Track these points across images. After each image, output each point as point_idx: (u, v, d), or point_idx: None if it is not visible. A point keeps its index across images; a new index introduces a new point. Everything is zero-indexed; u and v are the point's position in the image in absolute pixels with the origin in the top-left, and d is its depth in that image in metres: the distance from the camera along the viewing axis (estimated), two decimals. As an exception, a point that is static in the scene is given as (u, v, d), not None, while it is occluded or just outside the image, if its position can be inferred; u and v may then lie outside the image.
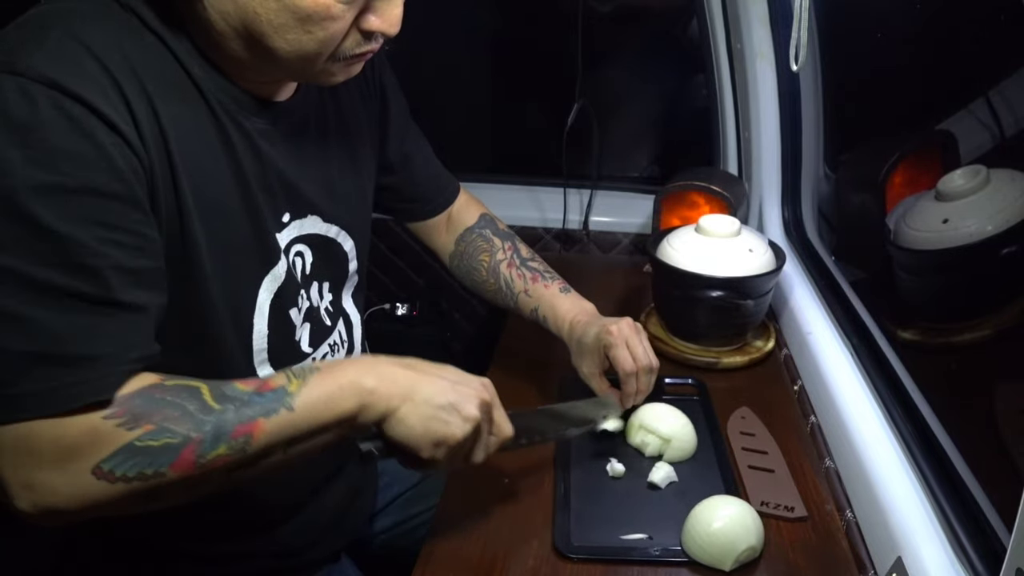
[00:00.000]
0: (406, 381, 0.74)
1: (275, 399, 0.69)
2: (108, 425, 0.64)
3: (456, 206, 1.17)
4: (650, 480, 0.97)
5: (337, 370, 0.72)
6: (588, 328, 1.06)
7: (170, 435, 0.65)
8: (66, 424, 0.63)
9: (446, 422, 0.74)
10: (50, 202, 0.61)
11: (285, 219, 0.84)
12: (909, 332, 1.10)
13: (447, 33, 1.88)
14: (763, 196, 1.58)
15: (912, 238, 1.06)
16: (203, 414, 0.67)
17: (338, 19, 0.69)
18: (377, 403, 0.72)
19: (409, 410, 0.73)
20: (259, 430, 0.68)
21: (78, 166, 0.62)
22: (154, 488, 0.65)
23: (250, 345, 0.82)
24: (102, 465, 0.64)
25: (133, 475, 0.64)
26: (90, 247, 0.63)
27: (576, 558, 0.87)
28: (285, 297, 0.84)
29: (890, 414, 0.97)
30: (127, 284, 0.66)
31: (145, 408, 0.65)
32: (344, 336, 0.97)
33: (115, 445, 0.64)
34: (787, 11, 1.26)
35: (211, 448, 0.66)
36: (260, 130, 0.79)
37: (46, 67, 0.62)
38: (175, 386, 0.68)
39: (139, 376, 0.68)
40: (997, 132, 0.98)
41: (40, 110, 0.61)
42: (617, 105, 1.92)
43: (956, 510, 0.79)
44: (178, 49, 0.72)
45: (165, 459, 0.65)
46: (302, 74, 0.78)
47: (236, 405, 0.68)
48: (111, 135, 0.64)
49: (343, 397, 0.71)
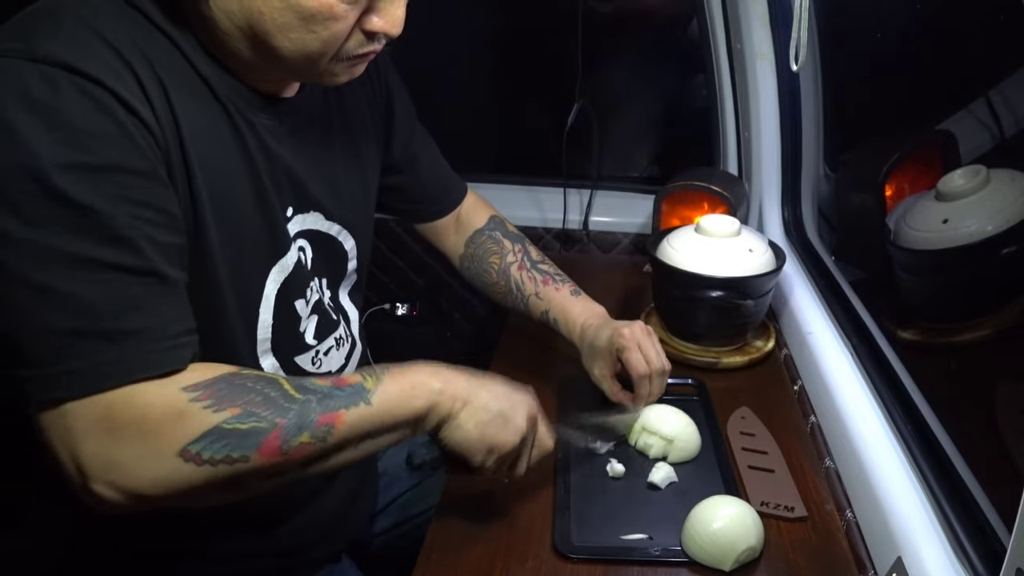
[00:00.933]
0: (466, 385, 0.78)
1: (355, 393, 0.72)
2: (195, 407, 0.65)
3: (465, 207, 1.17)
4: (650, 480, 0.97)
5: (408, 372, 0.76)
6: (600, 331, 1.07)
7: (256, 419, 0.67)
8: (151, 403, 0.64)
9: (500, 429, 0.79)
10: (80, 179, 0.62)
11: (288, 213, 0.85)
12: (909, 332, 1.10)
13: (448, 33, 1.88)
14: (763, 196, 1.58)
15: (912, 238, 1.06)
16: (286, 402, 0.69)
17: (341, 19, 0.70)
18: (443, 403, 0.77)
19: (468, 414, 0.78)
20: (340, 421, 0.70)
21: (103, 144, 0.64)
22: (237, 474, 0.66)
23: (255, 334, 0.82)
24: (190, 447, 0.64)
25: (220, 458, 0.65)
26: (124, 220, 0.64)
27: (576, 558, 0.87)
28: (292, 288, 0.85)
29: (890, 414, 0.97)
30: (162, 256, 0.67)
31: (230, 392, 0.67)
32: (346, 331, 0.97)
33: (203, 427, 0.65)
34: (787, 11, 1.26)
35: (295, 434, 0.68)
36: (266, 126, 0.80)
37: (64, 53, 0.63)
38: (255, 375, 0.70)
39: (213, 365, 0.70)
40: (997, 132, 0.98)
41: (63, 93, 0.62)
42: (617, 105, 1.92)
43: (956, 510, 0.79)
44: (184, 46, 0.72)
45: (252, 443, 0.66)
46: (305, 74, 0.78)
47: (318, 396, 0.71)
48: (130, 116, 0.65)
49: (416, 395, 0.75)
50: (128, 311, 0.64)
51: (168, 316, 0.67)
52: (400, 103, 1.03)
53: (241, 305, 0.80)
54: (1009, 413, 0.83)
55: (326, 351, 0.92)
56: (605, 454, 1.02)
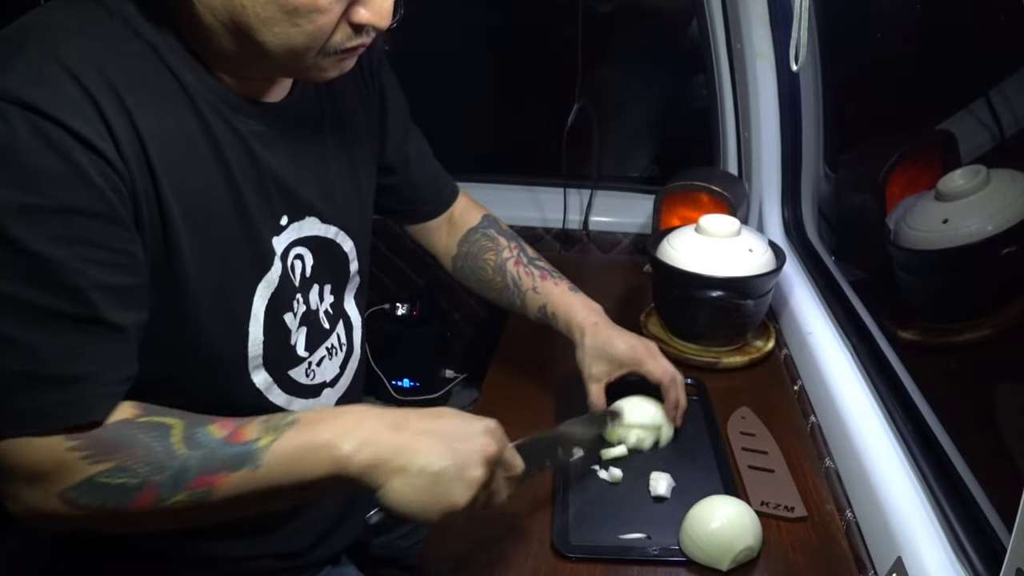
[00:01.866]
0: (394, 447, 0.67)
1: (243, 453, 0.67)
2: (73, 456, 0.65)
3: (457, 208, 1.17)
4: (656, 494, 0.96)
5: (317, 427, 0.68)
6: (614, 338, 1.06)
7: (129, 475, 0.65)
8: (36, 449, 0.65)
9: (447, 491, 0.68)
10: (29, 223, 0.62)
11: (283, 222, 0.83)
12: (909, 332, 1.10)
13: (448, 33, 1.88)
14: (763, 196, 1.58)
15: (912, 238, 1.06)
16: (167, 458, 0.66)
17: (326, 11, 0.69)
18: (355, 470, 0.67)
19: (403, 483, 0.67)
20: (221, 483, 0.66)
21: (56, 187, 0.62)
22: (120, 518, 0.67)
23: (244, 351, 0.81)
24: (67, 493, 0.65)
25: (97, 506, 0.66)
26: (71, 266, 0.64)
27: (575, 557, 0.87)
28: (280, 302, 0.83)
29: (890, 414, 0.97)
30: (110, 302, 0.66)
31: (109, 443, 0.66)
32: (343, 339, 0.96)
33: (78, 476, 0.65)
34: (787, 11, 1.26)
35: (171, 494, 0.66)
36: (255, 132, 0.79)
37: (21, 89, 0.62)
38: (146, 423, 0.68)
39: (119, 408, 0.68)
40: (997, 132, 0.98)
41: (16, 132, 0.61)
42: (617, 105, 1.92)
43: (956, 510, 0.79)
44: (167, 53, 0.71)
45: (122, 498, 0.66)
46: (293, 70, 0.77)
47: (202, 453, 0.66)
48: (89, 154, 0.64)
49: (315, 460, 0.66)
50: (71, 359, 0.65)
51: (101, 365, 0.67)
52: (394, 101, 1.02)
53: (229, 324, 0.79)
54: (1009, 413, 0.83)
55: (318, 362, 0.91)
56: (596, 467, 1.01)
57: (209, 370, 0.79)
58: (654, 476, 0.97)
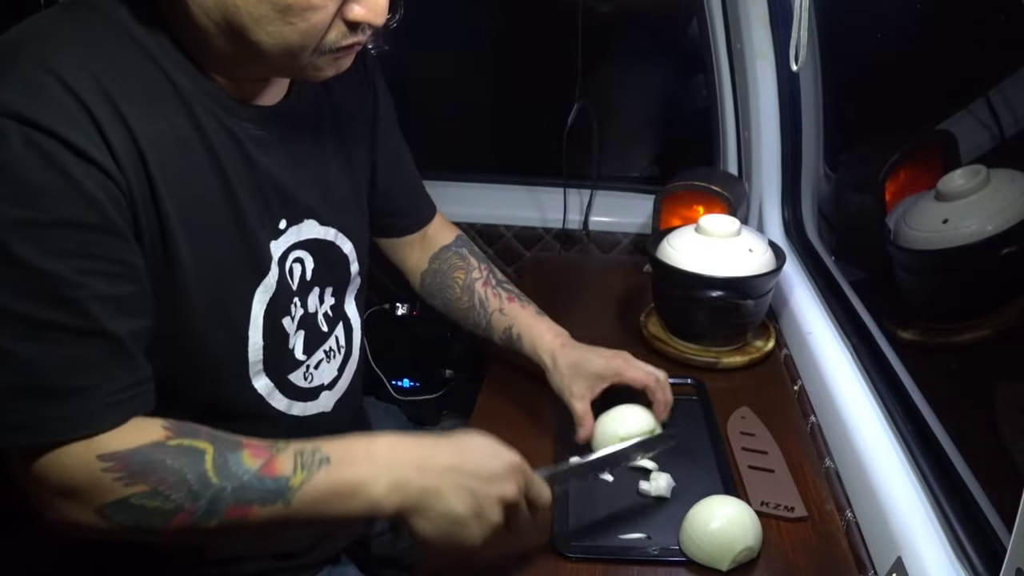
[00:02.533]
0: (421, 489, 0.71)
1: (275, 490, 0.69)
2: (107, 477, 0.66)
3: (432, 227, 1.16)
4: (655, 495, 0.95)
5: (349, 467, 0.71)
6: (588, 354, 1.04)
7: (163, 500, 0.67)
8: (70, 467, 0.66)
9: (465, 532, 0.73)
10: (26, 237, 0.62)
11: (282, 226, 0.83)
12: (909, 332, 1.10)
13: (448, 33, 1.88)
14: (763, 196, 1.58)
15: (912, 238, 1.06)
16: (200, 486, 0.67)
17: (319, 9, 0.68)
18: (389, 508, 0.71)
19: (426, 522, 0.72)
20: (253, 515, 0.69)
21: (51, 200, 0.63)
22: (157, 535, 0.69)
23: (245, 356, 0.81)
24: (104, 509, 0.67)
25: (131, 525, 0.68)
26: (69, 279, 0.64)
27: (575, 558, 0.87)
28: (278, 307, 0.83)
29: (890, 414, 0.97)
30: (110, 312, 0.67)
31: (143, 467, 0.67)
32: (342, 341, 0.96)
33: (112, 496, 0.67)
34: (787, 11, 1.26)
35: (205, 519, 0.68)
36: (252, 136, 0.78)
37: (15, 101, 0.62)
38: (178, 447, 0.69)
39: (145, 427, 0.69)
40: (997, 132, 0.98)
41: (10, 146, 0.61)
42: (617, 105, 1.92)
43: (956, 510, 0.79)
44: (161, 56, 0.71)
45: (158, 521, 0.68)
46: (288, 69, 0.77)
47: (235, 485, 0.68)
48: (85, 165, 0.64)
49: (347, 501, 0.70)
50: (70, 371, 0.66)
51: (112, 374, 0.68)
52: (384, 107, 1.02)
53: (229, 330, 0.79)
54: (1009, 413, 0.83)
55: (316, 364, 0.91)
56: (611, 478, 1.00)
57: (211, 376, 0.79)
58: (654, 476, 0.97)
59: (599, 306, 1.11)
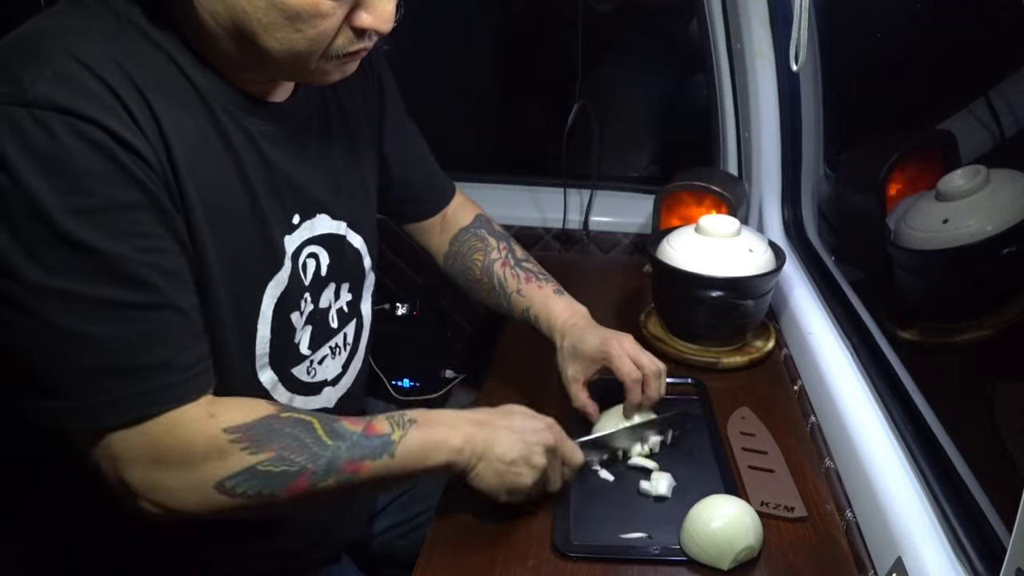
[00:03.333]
0: (483, 441, 0.83)
1: (381, 445, 0.77)
2: (235, 448, 0.71)
3: (452, 207, 1.16)
4: (657, 494, 0.95)
5: (433, 425, 0.81)
6: (587, 335, 1.04)
7: (288, 464, 0.73)
8: (194, 437, 0.70)
9: (517, 474, 0.84)
10: (87, 222, 0.64)
11: (295, 221, 0.84)
12: (909, 332, 1.10)
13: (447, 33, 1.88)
14: (763, 196, 1.58)
15: (912, 238, 1.06)
16: (318, 447, 0.74)
17: (328, 16, 0.69)
18: (462, 461, 0.82)
19: (485, 467, 0.83)
20: (364, 469, 0.76)
21: (105, 185, 0.65)
22: (266, 505, 0.73)
23: (253, 350, 0.82)
24: (225, 482, 0.71)
25: (252, 494, 0.72)
26: (134, 258, 0.66)
27: (575, 557, 0.87)
28: (288, 301, 0.84)
29: (890, 414, 0.97)
30: (175, 286, 0.70)
31: (266, 436, 0.72)
32: (350, 339, 0.96)
33: (240, 466, 0.71)
34: (787, 11, 1.26)
35: (323, 479, 0.74)
36: (263, 132, 0.79)
37: (53, 93, 0.63)
38: (290, 418, 0.75)
39: (254, 404, 0.75)
40: (997, 132, 0.98)
41: (59, 139, 0.63)
42: (617, 105, 1.92)
43: (956, 510, 0.79)
44: (174, 52, 0.72)
45: (281, 483, 0.73)
46: (296, 74, 0.77)
47: (347, 444, 0.76)
48: (125, 151, 0.66)
49: (436, 452, 0.80)
50: (148, 347, 0.68)
51: (186, 345, 0.71)
52: (391, 99, 1.02)
53: (239, 321, 0.80)
54: (1009, 413, 0.83)
55: (320, 360, 0.91)
56: (597, 468, 1.01)
57: (219, 368, 0.79)
58: (655, 476, 0.97)
59: (599, 306, 1.11)
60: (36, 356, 0.66)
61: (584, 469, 0.97)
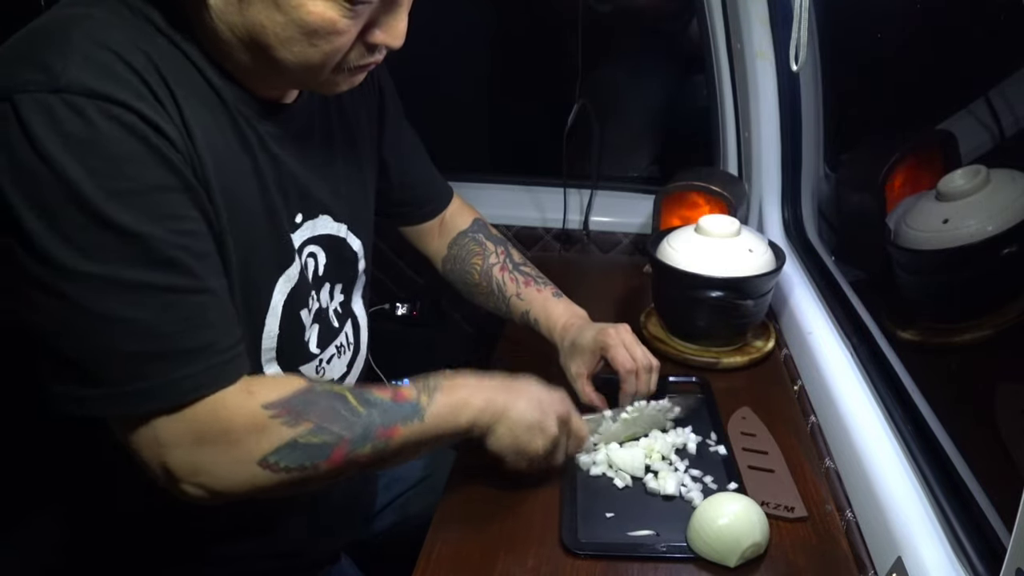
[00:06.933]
0: (502, 402, 0.86)
1: (412, 409, 0.79)
2: (275, 423, 0.72)
3: (450, 211, 1.17)
4: (666, 492, 0.96)
5: (456, 388, 0.84)
6: (584, 330, 1.07)
7: (327, 433, 0.74)
8: (234, 416, 0.70)
9: (532, 437, 0.87)
10: (124, 205, 0.64)
11: (298, 220, 0.85)
12: (909, 332, 1.10)
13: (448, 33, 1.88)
14: (763, 196, 1.58)
15: (912, 238, 1.06)
16: (353, 416, 0.76)
17: (343, 33, 0.70)
18: (484, 420, 0.84)
19: (505, 427, 0.85)
20: (397, 434, 0.78)
21: (139, 168, 0.65)
22: (307, 478, 0.74)
23: (259, 344, 0.82)
24: (268, 457, 0.71)
25: (295, 467, 0.73)
26: (171, 240, 0.66)
27: (583, 554, 0.87)
28: (297, 298, 0.85)
29: (890, 414, 0.97)
30: (209, 269, 0.70)
31: (304, 408, 0.74)
32: (351, 338, 0.97)
33: (281, 440, 0.72)
34: (787, 11, 1.26)
35: (360, 446, 0.76)
36: (271, 132, 0.80)
37: (84, 78, 0.63)
38: (324, 391, 0.77)
39: (288, 380, 0.76)
40: (997, 132, 0.98)
41: (93, 123, 0.63)
42: (617, 105, 1.92)
43: (956, 510, 0.79)
44: (191, 54, 0.72)
45: (322, 453, 0.74)
46: (305, 83, 0.79)
47: (380, 410, 0.77)
48: (157, 135, 0.66)
49: (461, 413, 0.83)
50: (189, 331, 0.68)
51: (224, 328, 0.71)
52: (391, 104, 1.03)
53: (249, 314, 0.80)
54: (1009, 413, 0.83)
55: (328, 359, 0.92)
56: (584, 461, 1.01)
57: None
58: (662, 475, 0.98)
59: (599, 306, 1.11)
60: (75, 343, 0.65)
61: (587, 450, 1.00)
